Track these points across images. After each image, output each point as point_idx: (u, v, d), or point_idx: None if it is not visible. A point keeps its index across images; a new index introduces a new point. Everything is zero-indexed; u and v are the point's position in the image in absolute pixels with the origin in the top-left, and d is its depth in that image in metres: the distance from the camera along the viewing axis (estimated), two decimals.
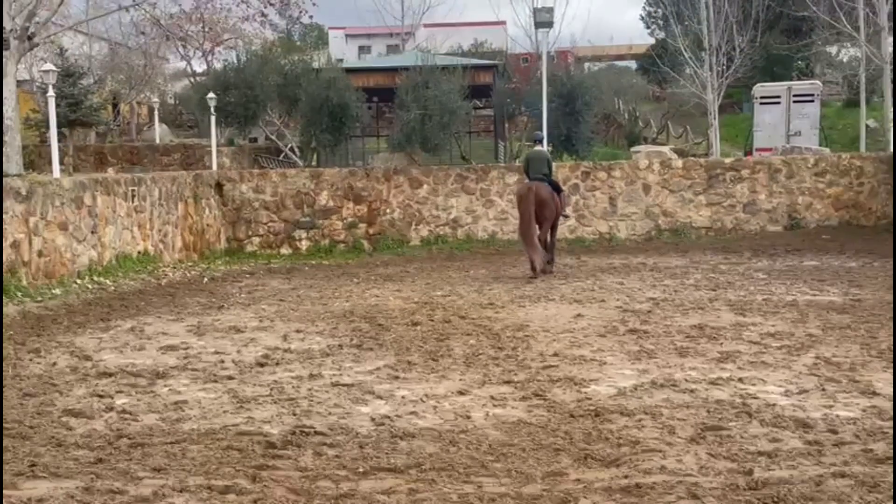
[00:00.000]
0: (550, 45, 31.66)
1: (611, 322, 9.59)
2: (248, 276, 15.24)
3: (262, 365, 7.90)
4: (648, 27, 47.36)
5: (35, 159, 26.71)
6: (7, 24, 18.78)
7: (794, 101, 26.48)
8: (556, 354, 8.05)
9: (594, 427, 5.79)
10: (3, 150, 19.24)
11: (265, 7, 26.68)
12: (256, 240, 19.01)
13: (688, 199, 18.97)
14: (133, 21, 33.45)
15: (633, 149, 26.80)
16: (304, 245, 18.94)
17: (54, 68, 16.53)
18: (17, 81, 20.49)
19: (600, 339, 8.75)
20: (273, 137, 28.89)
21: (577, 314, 10.16)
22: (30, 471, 5.14)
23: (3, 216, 11.62)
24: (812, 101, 26.60)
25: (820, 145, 24.77)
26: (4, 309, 10.74)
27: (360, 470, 5.07)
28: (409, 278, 14.06)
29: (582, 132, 23.39)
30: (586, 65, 45.81)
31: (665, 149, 25.34)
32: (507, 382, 7.06)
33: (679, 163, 19.70)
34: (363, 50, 54.28)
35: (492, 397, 6.61)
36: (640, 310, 10.34)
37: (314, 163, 26.29)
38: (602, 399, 6.49)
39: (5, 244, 11.63)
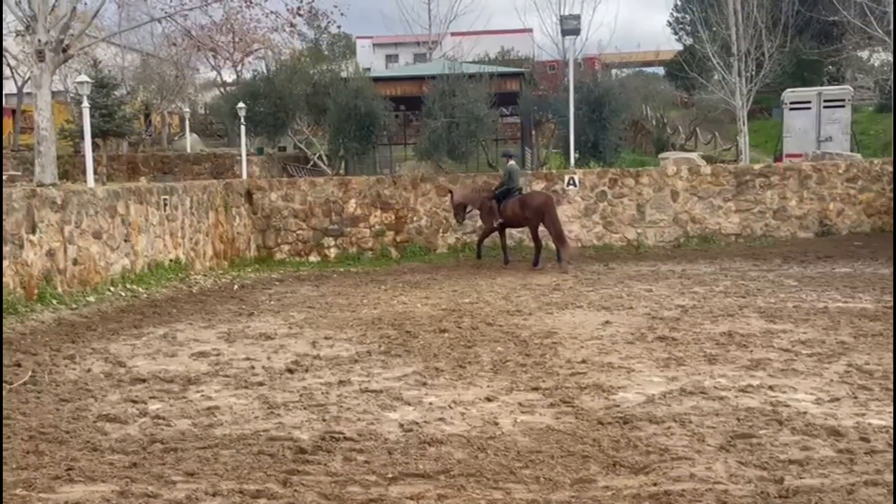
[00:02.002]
0: (577, 52, 31.57)
1: (639, 329, 9.56)
2: (277, 283, 15.38)
3: (291, 371, 7.98)
4: (676, 33, 47.14)
5: (69, 169, 27.21)
6: (42, 37, 19.16)
7: (825, 107, 26.18)
8: (584, 361, 8.04)
9: (623, 434, 5.78)
10: (38, 160, 19.62)
11: (294, 18, 26.86)
12: (286, 247, 19.18)
13: (717, 205, 18.84)
14: (164, 32, 33.92)
15: (661, 155, 26.66)
16: (332, 253, 19.07)
17: (88, 80, 16.84)
18: (52, 92, 20.87)
19: (628, 346, 8.73)
20: (301, 146, 29.13)
21: (605, 321, 10.15)
22: (66, 475, 5.25)
23: (39, 225, 11.86)
24: (843, 106, 26.28)
25: (851, 151, 24.47)
26: (40, 316, 10.96)
27: (390, 475, 5.12)
28: (436, 285, 14.11)
29: (609, 139, 23.24)
30: (613, 71, 45.62)
31: (693, 155, 25.17)
32: (535, 389, 7.07)
33: (708, 169, 19.56)
34: (390, 59, 54.56)
35: (520, 404, 6.63)
36: (669, 317, 10.29)
37: (342, 171, 26.46)
38: (631, 406, 6.48)
39: (41, 252, 11.87)
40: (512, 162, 16.94)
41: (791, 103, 26.81)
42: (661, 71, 49.16)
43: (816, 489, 4.72)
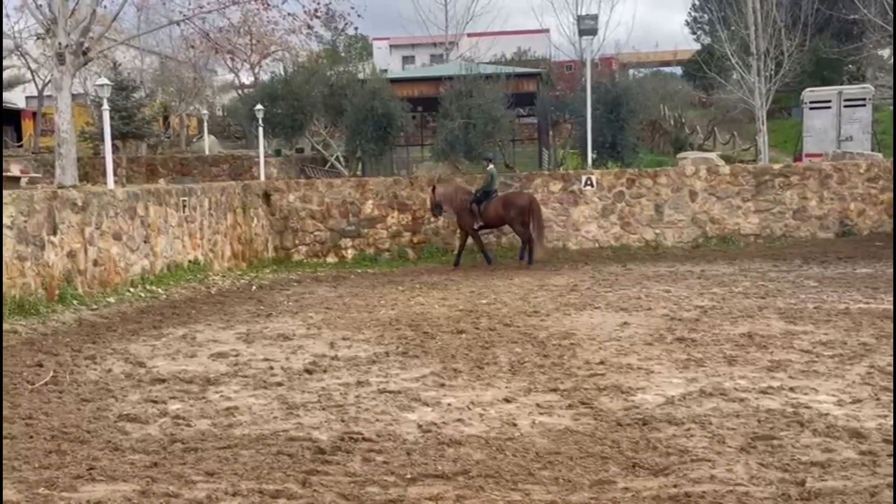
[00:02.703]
0: (594, 52, 31.50)
1: (658, 330, 9.51)
2: (295, 284, 15.44)
3: (310, 372, 8.01)
4: (694, 33, 46.95)
5: (89, 171, 27.46)
6: (63, 40, 19.35)
7: (845, 106, 25.92)
8: (602, 363, 8.02)
9: (642, 436, 5.75)
10: (59, 162, 19.81)
11: (311, 20, 26.94)
12: (303, 248, 19.25)
13: (736, 205, 18.71)
14: (183, 35, 34.19)
15: (679, 155, 26.52)
16: (349, 253, 19.12)
17: (108, 82, 16.95)
18: (73, 95, 21.07)
19: (647, 347, 8.69)
20: (319, 147, 29.22)
21: (623, 322, 10.10)
22: (88, 474, 5.29)
23: (60, 226, 11.97)
24: (863, 105, 26.01)
25: (872, 150, 24.23)
26: (61, 316, 11.07)
27: (408, 476, 5.12)
28: (453, 286, 14.10)
29: (627, 139, 23.13)
30: (631, 71, 45.44)
31: (712, 155, 25.00)
32: (554, 390, 7.05)
33: (726, 169, 19.43)
34: (407, 60, 54.63)
35: (538, 405, 6.61)
36: (688, 318, 10.24)
37: (359, 172, 26.52)
38: (650, 407, 6.44)
39: (62, 253, 11.98)
40: (491, 166, 17.70)
41: (811, 103, 26.58)
42: (678, 71, 48.95)
43: (839, 491, 4.68)
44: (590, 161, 21.71)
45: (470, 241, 17.51)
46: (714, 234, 18.68)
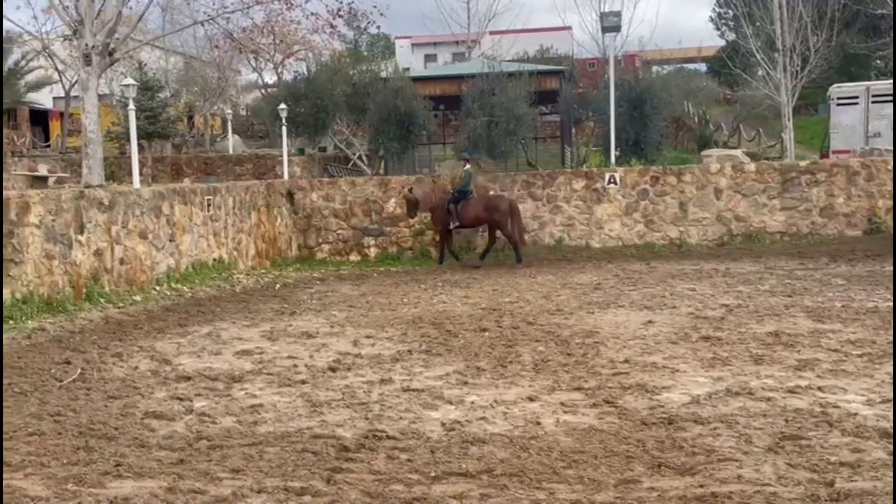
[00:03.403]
0: (618, 49, 31.32)
1: (683, 329, 9.44)
2: (318, 282, 15.50)
3: (334, 370, 8.03)
4: (718, 29, 46.52)
5: (115, 170, 27.74)
6: (89, 41, 19.55)
7: (873, 102, 25.53)
8: (626, 361, 7.97)
9: (667, 435, 5.71)
10: (86, 161, 20.02)
11: (334, 19, 27.02)
12: (326, 247, 19.32)
13: (761, 203, 18.51)
14: (207, 35, 34.46)
15: (703, 153, 26.29)
16: (372, 252, 19.16)
17: (134, 83, 17.11)
18: (99, 95, 21.28)
19: (672, 345, 8.62)
20: (342, 146, 29.30)
21: (647, 321, 10.04)
22: (115, 470, 5.34)
23: (87, 225, 12.11)
24: (892, 101, 25.64)
25: None
26: (89, 314, 11.20)
27: (432, 474, 5.12)
28: (476, 284, 14.09)
29: (650, 136, 22.98)
30: (654, 68, 45.13)
31: (737, 152, 24.78)
32: (578, 389, 7.02)
33: (752, 166, 19.24)
34: (429, 58, 54.65)
35: (562, 404, 6.58)
36: (713, 316, 10.15)
37: (381, 171, 26.56)
38: (675, 407, 6.39)
39: (89, 252, 12.11)
40: (468, 166, 17.90)
41: (838, 99, 26.21)
42: (703, 67, 48.56)
43: (868, 492, 4.62)
44: (613, 158, 21.59)
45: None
46: (739, 231, 18.51)
